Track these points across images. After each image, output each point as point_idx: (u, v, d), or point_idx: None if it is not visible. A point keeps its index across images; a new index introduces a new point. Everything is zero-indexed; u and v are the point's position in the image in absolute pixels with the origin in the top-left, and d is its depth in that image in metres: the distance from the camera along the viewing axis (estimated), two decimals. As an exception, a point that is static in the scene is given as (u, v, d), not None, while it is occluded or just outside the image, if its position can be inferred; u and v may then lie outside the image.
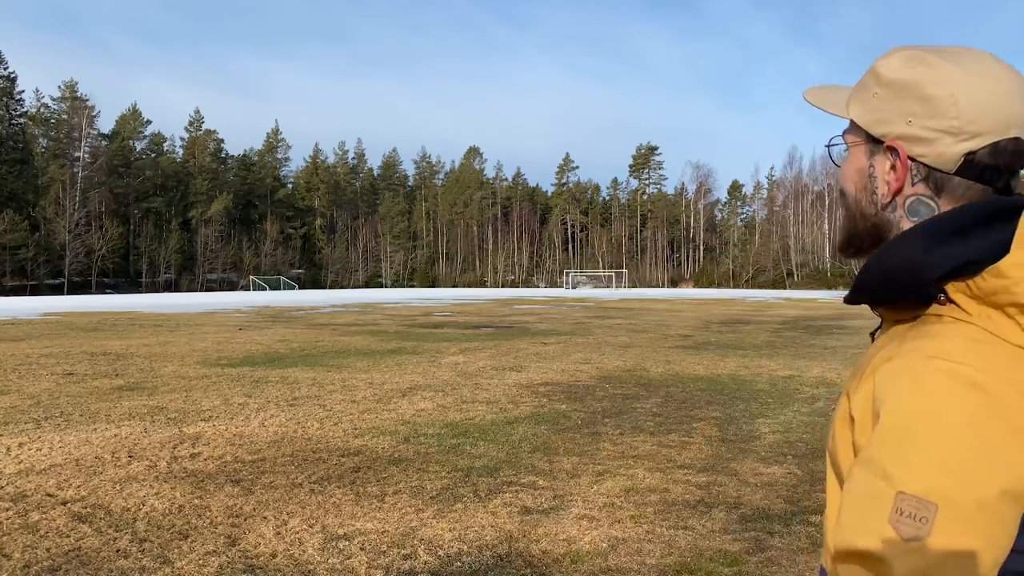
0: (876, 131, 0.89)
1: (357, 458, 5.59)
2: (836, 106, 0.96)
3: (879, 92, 0.89)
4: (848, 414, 0.82)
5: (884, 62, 0.90)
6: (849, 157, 0.94)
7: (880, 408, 0.76)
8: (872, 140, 0.90)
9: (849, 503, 0.76)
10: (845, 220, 0.96)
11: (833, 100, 0.97)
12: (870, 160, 0.90)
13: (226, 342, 15.28)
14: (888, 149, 0.88)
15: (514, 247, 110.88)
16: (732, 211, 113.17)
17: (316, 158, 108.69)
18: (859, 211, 0.92)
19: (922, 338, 0.80)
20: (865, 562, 0.71)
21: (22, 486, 4.86)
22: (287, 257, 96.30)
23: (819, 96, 0.99)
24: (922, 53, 0.87)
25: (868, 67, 0.93)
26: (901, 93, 0.86)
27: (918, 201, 0.86)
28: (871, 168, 0.90)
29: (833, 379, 9.86)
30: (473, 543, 3.86)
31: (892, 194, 0.88)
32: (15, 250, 68.61)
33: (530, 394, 8.59)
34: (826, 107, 0.97)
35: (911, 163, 0.86)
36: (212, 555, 3.69)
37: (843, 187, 0.95)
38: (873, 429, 0.76)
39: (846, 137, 0.95)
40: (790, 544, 3.84)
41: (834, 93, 0.98)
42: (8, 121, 75.10)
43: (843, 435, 0.83)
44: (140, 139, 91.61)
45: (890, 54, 0.90)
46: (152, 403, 7.94)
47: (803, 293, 68.01)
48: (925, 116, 0.84)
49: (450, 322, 22.67)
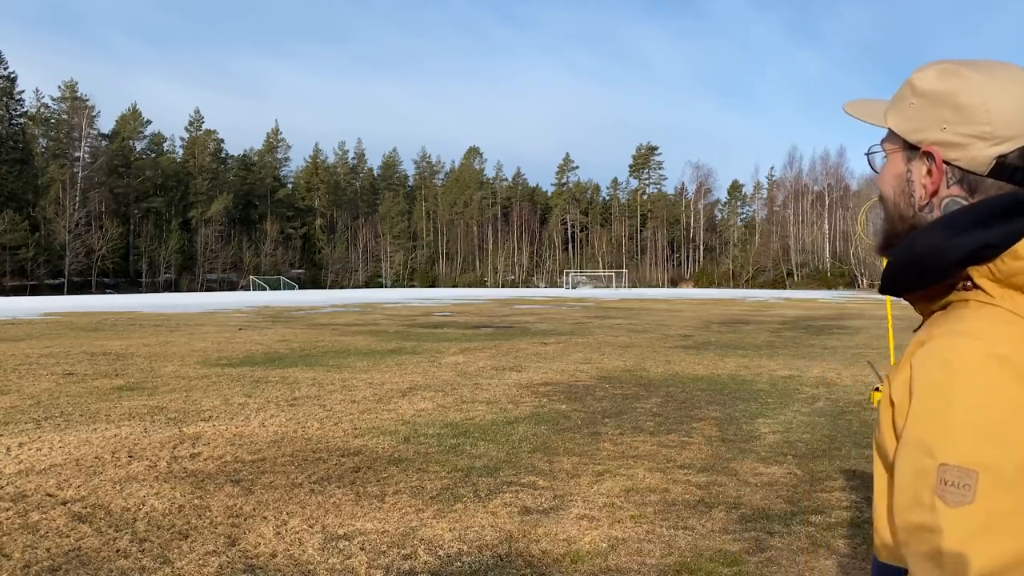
0: (913, 138, 0.96)
1: (357, 458, 5.59)
2: (874, 117, 1.04)
3: (915, 102, 0.96)
4: (889, 398, 0.88)
5: (920, 75, 0.97)
6: (887, 164, 1.01)
7: (915, 388, 0.82)
8: (909, 147, 0.97)
9: (900, 483, 0.81)
10: (884, 222, 1.03)
11: (871, 111, 1.05)
12: (907, 165, 0.97)
13: (226, 342, 15.28)
14: (924, 154, 0.94)
15: (514, 247, 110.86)
16: (732, 211, 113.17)
17: (316, 158, 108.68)
18: (898, 213, 0.99)
19: (951, 321, 0.87)
20: (921, 534, 0.77)
21: (22, 486, 4.86)
22: (287, 257, 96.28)
23: (858, 108, 1.08)
24: (955, 66, 0.94)
25: (905, 80, 1.01)
26: (936, 102, 0.93)
27: (953, 202, 0.92)
28: (908, 173, 0.97)
29: (833, 379, 9.86)
30: (473, 543, 3.86)
31: (929, 196, 0.94)
32: (15, 250, 68.61)
33: (530, 394, 8.59)
34: (865, 118, 1.05)
35: (946, 167, 0.92)
36: (212, 555, 3.69)
37: (882, 192, 1.03)
38: (909, 409, 0.83)
39: (884, 145, 1.03)
40: (790, 544, 3.84)
41: (871, 106, 1.06)
42: (8, 121, 75.08)
43: (886, 418, 0.89)
44: (140, 139, 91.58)
45: (925, 68, 0.98)
46: (152, 403, 7.94)
47: (803, 293, 68.01)
48: (958, 123, 0.91)
49: (450, 322, 22.67)
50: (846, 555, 3.71)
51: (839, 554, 3.71)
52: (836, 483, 4.96)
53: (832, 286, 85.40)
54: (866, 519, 4.22)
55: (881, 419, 0.91)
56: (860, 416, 7.30)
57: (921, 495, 0.78)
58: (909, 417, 0.82)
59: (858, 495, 4.69)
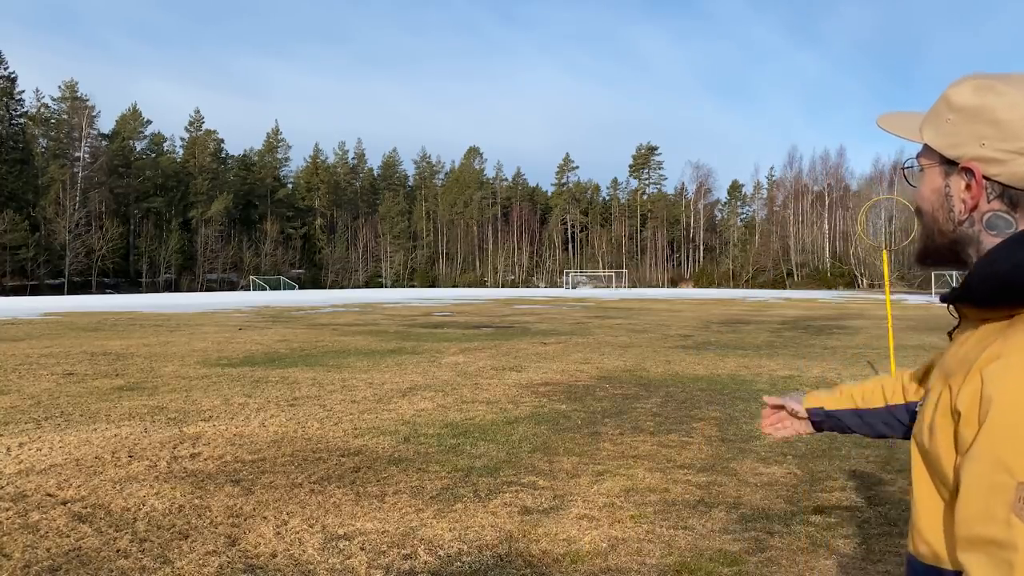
0: (950, 154, 0.96)
1: (357, 458, 5.59)
2: (909, 132, 1.04)
3: (952, 118, 0.96)
4: (951, 407, 0.88)
5: (955, 90, 0.97)
6: (924, 178, 1.02)
7: (989, 404, 0.81)
8: (946, 162, 0.97)
9: (971, 496, 0.81)
10: (923, 235, 1.04)
11: (906, 126, 1.05)
12: (945, 180, 0.98)
13: (226, 342, 15.28)
14: (963, 170, 0.95)
15: (514, 247, 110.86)
16: (732, 211, 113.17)
17: (316, 158, 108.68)
18: (936, 228, 1.01)
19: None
20: (993, 549, 0.77)
21: (22, 486, 4.86)
22: (287, 257, 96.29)
23: (892, 123, 1.08)
24: (991, 81, 0.94)
25: (940, 95, 1.01)
26: (973, 118, 0.94)
27: (996, 216, 0.93)
28: (947, 188, 0.98)
29: (833, 379, 9.86)
30: (473, 543, 3.86)
31: (968, 211, 0.95)
32: (15, 250, 68.61)
33: (530, 394, 8.59)
34: (900, 133, 1.05)
35: (986, 182, 0.93)
36: (212, 555, 3.69)
37: (919, 205, 1.03)
38: (982, 424, 0.82)
39: (920, 160, 1.03)
40: (790, 544, 3.84)
41: (906, 119, 1.08)
42: (8, 121, 75.07)
43: (944, 427, 0.89)
44: (140, 139, 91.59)
45: (961, 83, 0.98)
46: (152, 403, 7.94)
47: (803, 293, 68.00)
48: (998, 139, 0.91)
49: (450, 322, 22.67)
50: (846, 555, 3.71)
51: (839, 554, 3.72)
52: (836, 483, 4.96)
53: (832, 286, 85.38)
54: (866, 519, 4.22)
55: (937, 427, 0.90)
56: (860, 416, 7.30)
57: (995, 511, 0.78)
58: (984, 432, 0.81)
59: (858, 495, 4.70)
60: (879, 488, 4.84)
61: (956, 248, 0.99)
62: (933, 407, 0.93)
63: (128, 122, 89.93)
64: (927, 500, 0.94)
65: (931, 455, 0.91)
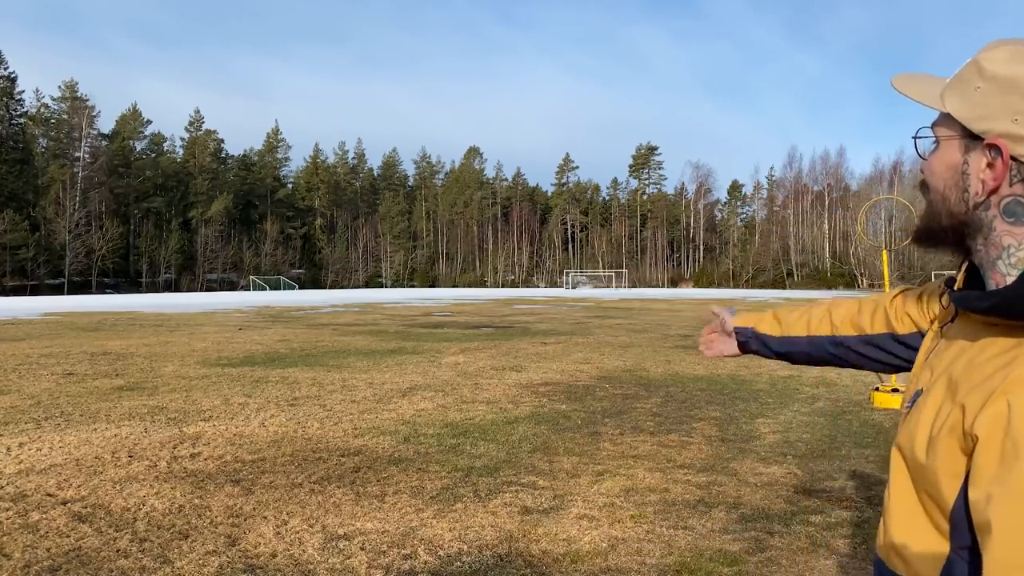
0: (976, 127, 0.85)
1: (357, 458, 5.59)
2: (929, 97, 0.92)
3: (982, 86, 0.85)
4: (963, 429, 0.79)
5: (988, 55, 0.85)
6: (939, 151, 0.90)
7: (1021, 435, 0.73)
8: (969, 135, 0.86)
9: (1011, 535, 0.72)
10: (927, 213, 0.93)
11: (925, 90, 0.93)
12: (964, 156, 0.87)
13: (226, 342, 15.28)
14: (988, 146, 0.84)
15: (514, 247, 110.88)
16: (732, 211, 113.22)
17: (316, 158, 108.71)
18: (945, 208, 0.89)
19: None
20: None
21: (22, 486, 4.86)
22: (287, 257, 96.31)
23: (909, 85, 0.95)
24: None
25: (969, 59, 0.89)
26: (1007, 89, 0.82)
27: (1016, 203, 0.84)
28: (965, 164, 0.87)
29: (833, 379, 9.86)
30: (473, 543, 3.86)
31: (987, 193, 0.85)
32: (15, 250, 68.61)
33: (530, 394, 8.59)
34: (918, 98, 0.92)
35: (1012, 162, 0.83)
36: (212, 555, 3.68)
37: (929, 181, 0.92)
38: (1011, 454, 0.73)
39: (936, 130, 0.91)
40: (790, 544, 3.83)
41: (925, 83, 0.94)
42: (8, 121, 75.07)
43: (950, 447, 0.80)
44: (140, 139, 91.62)
45: (994, 47, 0.86)
46: (152, 403, 7.94)
47: (803, 293, 68.00)
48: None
49: (450, 322, 22.67)
50: (846, 555, 3.71)
51: (839, 554, 3.71)
52: (836, 483, 4.96)
53: (832, 286, 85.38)
54: (866, 519, 4.22)
55: (940, 444, 0.82)
56: (860, 416, 7.30)
57: None
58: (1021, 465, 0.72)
59: (858, 495, 4.70)
60: (879, 488, 4.84)
61: (963, 232, 0.89)
62: (933, 420, 0.84)
63: (128, 122, 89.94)
64: (907, 514, 0.87)
65: (927, 471, 0.84)
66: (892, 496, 0.90)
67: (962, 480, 0.80)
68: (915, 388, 0.95)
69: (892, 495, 0.90)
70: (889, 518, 0.90)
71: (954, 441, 0.80)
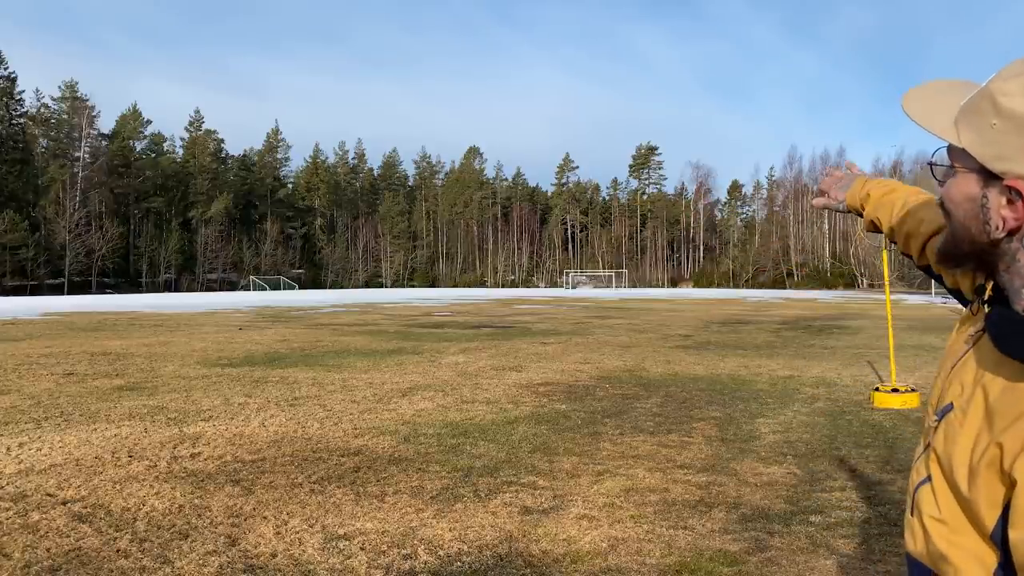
0: (995, 167, 0.82)
1: (357, 458, 5.59)
2: (942, 127, 0.89)
3: (998, 124, 0.81)
4: (1001, 468, 0.78)
5: (1003, 88, 0.82)
6: (957, 180, 0.88)
7: None
8: (987, 171, 0.84)
9: None
10: (950, 238, 0.92)
11: (938, 119, 0.89)
12: (983, 190, 0.84)
13: (226, 342, 15.28)
14: (1008, 187, 0.81)
15: (514, 247, 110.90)
16: (732, 211, 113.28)
17: (316, 158, 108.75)
18: (968, 237, 0.88)
19: None
20: None
21: (22, 486, 4.86)
22: (287, 257, 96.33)
23: (921, 110, 0.92)
24: None
25: (983, 88, 0.86)
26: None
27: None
28: (984, 199, 0.84)
29: (833, 379, 9.86)
30: (473, 543, 3.86)
31: (1006, 231, 0.83)
32: (15, 250, 68.60)
33: (530, 394, 8.59)
34: (930, 126, 0.89)
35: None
36: (212, 555, 3.68)
37: (947, 207, 0.90)
38: None
39: (953, 159, 0.89)
40: (790, 544, 3.83)
41: (938, 105, 0.90)
42: (8, 121, 75.05)
43: (990, 483, 0.80)
44: (140, 139, 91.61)
45: (1008, 79, 0.82)
46: (152, 403, 7.94)
47: (803, 293, 68.00)
48: None
49: (450, 322, 22.67)
50: (846, 555, 3.71)
51: (839, 554, 3.71)
52: (836, 483, 4.96)
53: (832, 286, 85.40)
54: (866, 519, 4.22)
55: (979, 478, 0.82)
56: (860, 416, 7.30)
57: None
58: None
59: (858, 495, 4.69)
60: (879, 488, 4.84)
61: (986, 258, 0.88)
62: (971, 449, 0.83)
63: (128, 122, 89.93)
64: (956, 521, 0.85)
65: (969, 501, 0.83)
66: (940, 503, 0.88)
67: (1001, 509, 0.79)
68: (944, 400, 0.92)
69: (940, 502, 0.88)
70: (934, 525, 0.88)
71: (995, 479, 0.80)
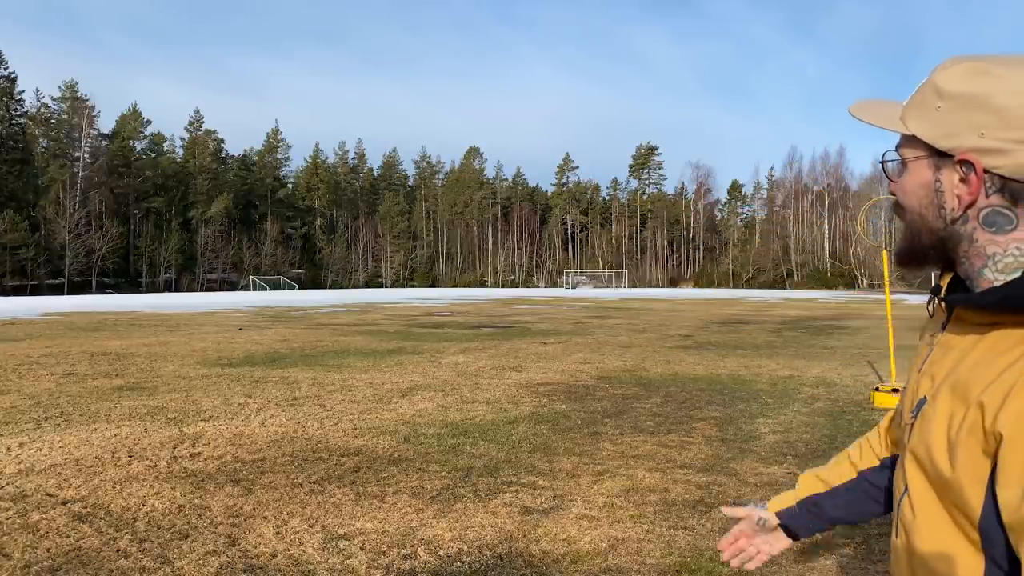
0: (944, 145, 0.87)
1: (357, 458, 5.59)
2: (889, 121, 0.94)
3: (942, 106, 0.87)
4: (984, 428, 0.79)
5: (944, 75, 0.88)
6: (909, 172, 0.93)
7: None
8: (937, 154, 0.89)
9: None
10: (907, 234, 0.95)
11: (884, 115, 0.96)
12: (936, 174, 0.89)
13: (226, 342, 15.28)
14: (959, 162, 0.86)
15: (514, 247, 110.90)
16: (732, 211, 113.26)
17: (316, 158, 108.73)
18: (924, 226, 0.92)
19: None
20: None
21: (22, 486, 4.86)
22: (287, 257, 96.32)
23: (868, 111, 0.98)
24: (984, 64, 0.86)
25: (924, 82, 0.92)
26: (969, 105, 0.85)
27: (995, 212, 0.86)
28: (937, 183, 0.89)
29: (833, 379, 9.86)
30: (473, 543, 3.86)
31: (963, 208, 0.87)
32: (15, 250, 68.58)
33: (530, 394, 8.59)
34: (879, 123, 0.95)
35: (985, 175, 0.85)
36: (212, 555, 3.68)
37: (902, 201, 0.94)
38: None
39: (903, 152, 0.94)
40: (790, 544, 3.83)
41: (883, 108, 0.97)
42: (8, 121, 75.01)
43: (971, 449, 0.80)
44: (140, 139, 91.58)
45: (948, 66, 0.89)
46: (152, 403, 7.93)
47: (803, 293, 67.99)
48: (1000, 127, 0.83)
49: (450, 322, 22.67)
50: (846, 555, 3.71)
51: (839, 554, 3.72)
52: (836, 483, 4.96)
53: (832, 286, 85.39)
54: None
55: (960, 448, 0.82)
56: (860, 416, 7.30)
57: None
58: None
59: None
60: (879, 488, 4.84)
61: (946, 247, 0.91)
62: (947, 426, 0.84)
63: (128, 122, 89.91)
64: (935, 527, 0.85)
65: (951, 481, 0.83)
66: (916, 510, 0.88)
67: (986, 485, 0.79)
68: (917, 398, 0.94)
69: (916, 509, 0.88)
70: (914, 534, 0.88)
71: (975, 443, 0.80)
